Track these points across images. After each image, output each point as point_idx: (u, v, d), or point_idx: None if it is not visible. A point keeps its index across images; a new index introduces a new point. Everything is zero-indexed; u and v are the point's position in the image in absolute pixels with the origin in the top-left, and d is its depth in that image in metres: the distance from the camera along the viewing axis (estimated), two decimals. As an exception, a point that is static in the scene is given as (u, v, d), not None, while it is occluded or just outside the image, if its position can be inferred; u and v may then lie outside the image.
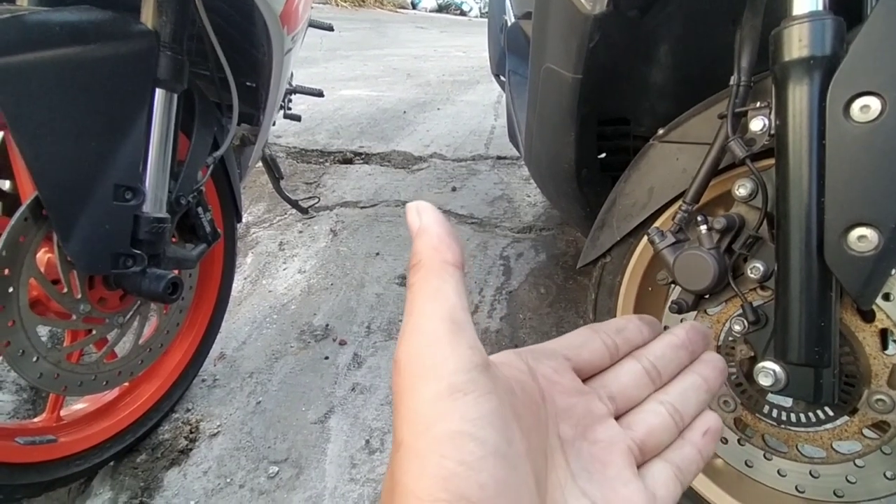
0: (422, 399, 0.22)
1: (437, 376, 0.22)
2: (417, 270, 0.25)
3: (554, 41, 0.78)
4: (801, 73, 0.55)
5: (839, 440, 0.68)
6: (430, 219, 0.25)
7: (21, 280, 0.73)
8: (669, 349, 0.33)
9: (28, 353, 0.75)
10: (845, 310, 0.64)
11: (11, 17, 0.69)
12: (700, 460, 0.31)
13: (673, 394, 0.32)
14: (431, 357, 0.22)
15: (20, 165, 0.74)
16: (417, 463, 0.21)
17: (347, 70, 4.61)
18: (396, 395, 0.23)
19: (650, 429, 0.30)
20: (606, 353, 0.32)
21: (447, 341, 0.23)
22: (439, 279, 0.24)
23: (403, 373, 0.23)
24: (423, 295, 0.24)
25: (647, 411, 0.31)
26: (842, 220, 0.54)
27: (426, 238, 0.25)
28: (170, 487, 0.96)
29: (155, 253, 0.84)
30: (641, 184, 0.80)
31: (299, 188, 2.23)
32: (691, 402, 0.32)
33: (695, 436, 0.31)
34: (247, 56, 1.09)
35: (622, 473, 0.27)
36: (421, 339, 0.23)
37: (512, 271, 1.69)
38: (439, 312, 0.23)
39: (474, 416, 0.21)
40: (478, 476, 0.20)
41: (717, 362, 0.34)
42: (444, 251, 0.25)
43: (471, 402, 0.22)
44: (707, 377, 0.33)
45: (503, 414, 0.22)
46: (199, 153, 0.94)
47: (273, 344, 1.33)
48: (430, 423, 0.21)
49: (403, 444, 0.22)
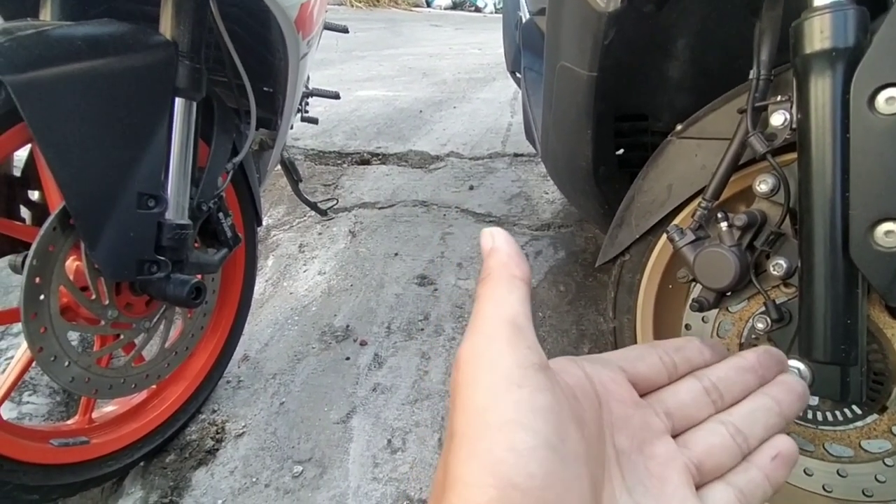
0: (478, 390, 0.22)
1: (495, 370, 0.23)
2: (486, 282, 0.26)
3: (568, 39, 0.78)
4: (824, 66, 0.53)
5: (868, 439, 0.66)
6: (501, 240, 0.27)
7: (52, 288, 0.75)
8: (734, 371, 0.31)
9: (60, 358, 0.78)
10: (872, 306, 0.62)
11: (35, 32, 0.71)
12: (768, 486, 0.28)
13: (737, 415, 0.30)
14: (490, 353, 0.23)
15: (47, 176, 0.76)
16: (467, 449, 0.21)
17: (363, 71, 4.64)
18: (454, 389, 0.23)
19: (709, 449, 0.28)
20: (664, 369, 0.31)
21: (507, 341, 0.23)
22: (506, 290, 0.25)
23: (463, 368, 0.23)
24: (489, 302, 0.25)
25: (706, 430, 0.29)
26: (868, 215, 0.53)
27: (497, 255, 0.26)
28: (198, 487, 0.99)
29: (178, 259, 0.86)
30: (660, 181, 0.80)
31: (318, 190, 2.25)
32: (758, 424, 0.30)
33: (762, 459, 0.29)
34: (263, 62, 1.11)
35: (680, 492, 0.26)
36: (482, 339, 0.24)
37: (531, 269, 1.68)
38: (502, 316, 0.24)
39: (527, 408, 0.22)
40: (526, 464, 0.20)
41: (795, 385, 0.32)
42: (513, 267, 0.26)
43: (525, 395, 0.22)
44: (780, 400, 0.31)
45: (559, 412, 0.23)
46: (218, 159, 0.96)
47: (295, 345, 1.35)
48: (484, 413, 0.22)
49: (457, 434, 0.22)
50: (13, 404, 1.09)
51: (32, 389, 1.14)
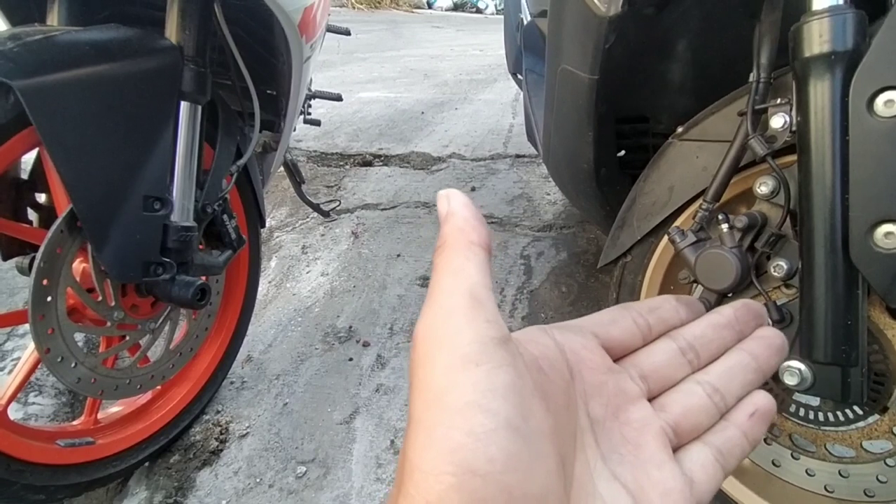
0: (434, 371, 0.21)
1: (451, 348, 0.21)
2: (442, 250, 0.24)
3: (569, 43, 0.78)
4: (823, 69, 0.54)
5: (869, 439, 0.66)
6: (458, 203, 0.25)
7: (59, 289, 0.76)
8: (711, 329, 0.30)
9: (67, 359, 0.79)
10: (873, 307, 0.63)
11: (43, 37, 0.72)
12: (745, 443, 0.28)
13: (713, 374, 0.29)
14: (447, 329, 0.22)
15: (55, 179, 0.77)
16: (424, 435, 0.20)
17: (365, 72, 4.65)
18: (412, 370, 0.22)
19: (685, 410, 0.28)
20: (638, 331, 0.30)
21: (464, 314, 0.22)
22: (463, 258, 0.23)
23: (419, 347, 0.22)
24: (445, 272, 0.23)
25: (681, 392, 0.28)
26: (868, 217, 0.53)
27: (452, 220, 0.24)
28: (202, 487, 0.99)
29: (183, 260, 0.87)
30: (661, 182, 0.80)
31: (320, 191, 2.26)
32: (736, 382, 0.29)
33: (739, 417, 0.28)
34: (267, 65, 1.12)
35: (656, 456, 0.26)
36: (438, 314, 0.22)
37: (533, 270, 1.69)
38: (459, 288, 0.22)
39: (486, 388, 0.20)
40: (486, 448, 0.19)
41: (773, 338, 0.31)
42: (470, 232, 0.24)
43: (483, 374, 0.20)
44: (757, 355, 0.30)
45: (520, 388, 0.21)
46: (223, 162, 0.96)
47: (298, 346, 1.35)
48: (440, 395, 0.20)
49: (414, 418, 0.21)
50: (19, 405, 1.10)
51: (38, 390, 1.15)
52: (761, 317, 0.32)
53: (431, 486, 0.19)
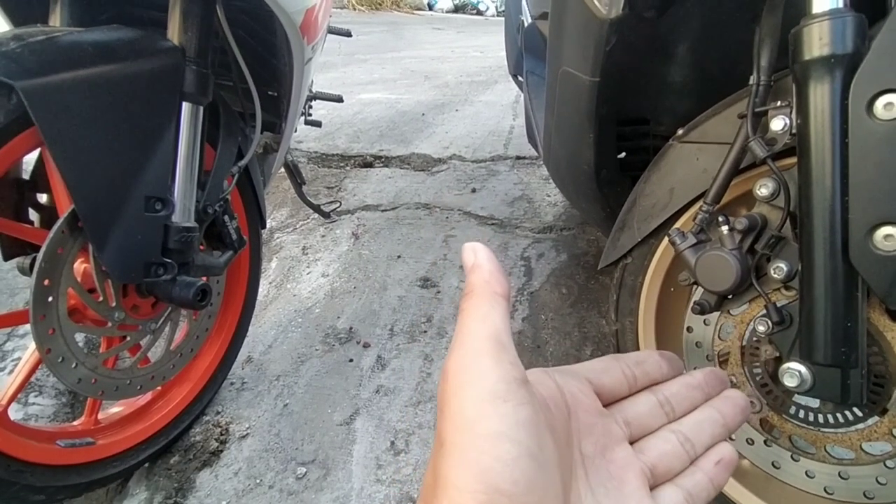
0: (466, 402, 0.24)
1: (481, 383, 0.25)
2: (470, 298, 0.27)
3: (570, 45, 0.78)
4: (823, 72, 0.54)
5: (869, 441, 0.67)
6: (483, 257, 0.28)
7: (60, 290, 0.76)
8: (684, 388, 0.35)
9: (67, 360, 0.79)
10: (872, 309, 0.63)
11: (45, 38, 0.72)
12: (711, 488, 0.32)
13: (686, 425, 0.33)
14: (476, 367, 0.25)
15: (57, 180, 0.77)
16: (458, 457, 0.23)
17: (366, 74, 4.65)
18: (442, 399, 0.25)
19: (661, 454, 0.32)
20: (625, 382, 0.34)
21: (491, 356, 0.25)
22: (488, 306, 0.27)
23: (451, 381, 0.25)
24: (473, 317, 0.27)
25: (658, 438, 0.33)
26: (867, 219, 0.54)
27: (479, 272, 0.28)
28: (202, 488, 0.99)
29: (184, 261, 0.87)
30: (662, 184, 0.80)
31: (321, 193, 2.26)
32: (705, 433, 0.33)
33: (707, 464, 0.32)
34: (268, 66, 1.12)
35: (636, 492, 0.29)
36: (468, 353, 0.26)
37: (533, 272, 1.69)
38: (486, 332, 0.26)
39: (512, 421, 0.24)
40: (511, 473, 0.22)
41: (738, 400, 0.36)
42: (495, 284, 0.28)
43: (510, 408, 0.24)
44: (725, 413, 0.34)
45: (537, 423, 0.25)
46: (224, 163, 0.96)
47: (298, 347, 1.35)
48: (472, 423, 0.24)
49: (447, 442, 0.24)
50: (19, 405, 1.10)
51: (38, 391, 1.15)
52: (725, 382, 0.37)
53: (465, 500, 0.22)
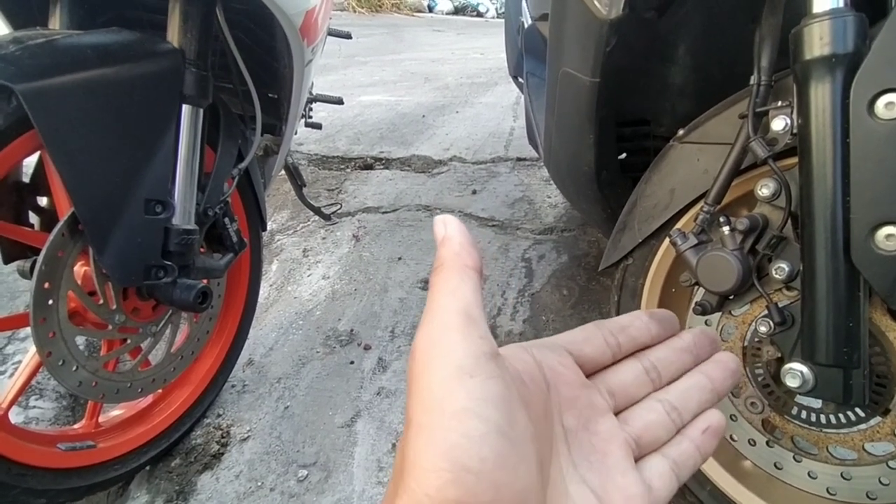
0: (433, 380, 0.24)
1: (448, 360, 0.24)
2: (439, 271, 0.27)
3: (570, 46, 0.78)
4: (823, 72, 0.54)
5: (871, 442, 0.66)
6: (454, 229, 0.27)
7: (60, 293, 0.76)
8: (672, 352, 0.34)
9: (68, 363, 0.79)
10: (874, 309, 0.63)
11: (45, 41, 0.72)
12: (698, 456, 0.31)
13: (673, 393, 0.33)
14: (444, 343, 0.24)
15: (56, 183, 0.77)
16: (424, 437, 0.23)
17: (366, 76, 4.66)
18: (410, 378, 0.25)
19: (646, 424, 0.31)
20: (608, 350, 0.33)
21: (460, 330, 0.24)
22: (458, 279, 0.26)
23: (418, 357, 0.25)
24: (443, 291, 0.26)
25: (643, 408, 0.32)
26: (869, 219, 0.53)
27: (449, 244, 0.27)
28: (203, 491, 0.99)
29: (185, 264, 0.87)
30: (662, 185, 0.80)
31: (321, 195, 2.26)
32: (692, 400, 0.32)
33: (694, 432, 0.32)
34: (268, 68, 1.12)
35: (620, 464, 0.29)
36: (436, 328, 0.25)
37: (534, 273, 1.69)
38: (455, 306, 0.25)
39: (479, 397, 0.23)
40: (479, 449, 0.22)
41: (729, 362, 0.34)
42: (465, 256, 0.27)
43: (477, 384, 0.23)
44: (713, 377, 0.34)
45: (508, 398, 0.24)
46: (224, 165, 0.96)
47: (299, 349, 1.35)
48: (439, 401, 0.23)
49: (414, 422, 0.23)
50: (20, 409, 1.10)
51: (39, 394, 1.15)
52: (716, 343, 0.36)
53: (431, 480, 0.21)
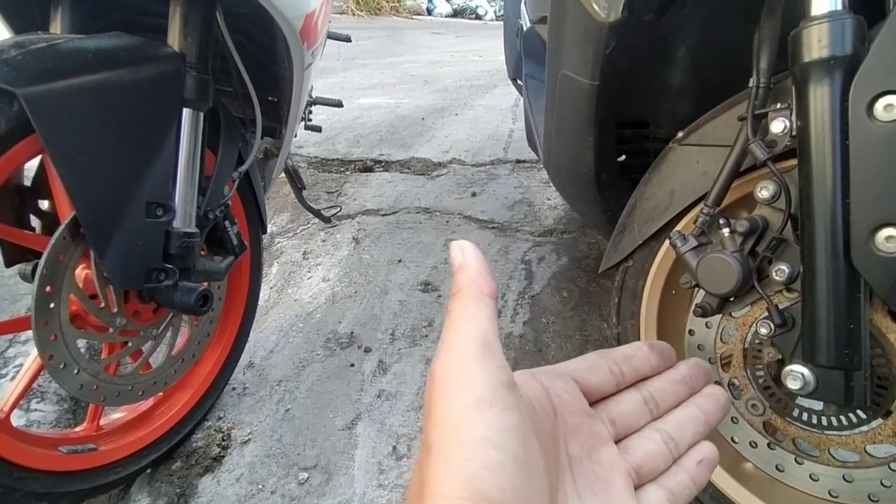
0: (452, 408, 0.24)
1: (468, 389, 0.24)
2: (457, 298, 0.27)
3: (569, 49, 0.79)
4: (822, 74, 0.54)
5: (873, 444, 0.66)
6: (471, 255, 0.28)
7: (62, 296, 0.76)
8: (669, 384, 0.36)
9: (69, 366, 0.79)
10: (875, 311, 0.63)
11: (47, 45, 0.73)
12: (693, 487, 0.32)
13: (670, 423, 0.34)
14: (463, 372, 0.25)
15: (58, 186, 0.77)
16: (444, 465, 0.23)
17: (365, 79, 4.66)
18: (429, 403, 0.25)
19: (645, 454, 0.32)
20: (612, 380, 0.34)
21: (478, 359, 0.25)
22: (475, 307, 0.27)
23: (437, 385, 0.25)
24: (461, 318, 0.26)
25: (643, 437, 0.33)
26: (868, 221, 0.53)
27: (466, 271, 0.28)
28: (204, 494, 0.99)
29: (185, 267, 0.87)
30: (662, 187, 0.80)
31: (321, 197, 2.26)
32: (688, 432, 0.34)
33: (689, 463, 0.33)
34: (268, 72, 1.12)
35: (622, 494, 0.30)
36: (455, 356, 0.25)
37: (534, 275, 1.69)
38: (473, 334, 0.26)
39: (498, 427, 0.23)
40: (498, 480, 0.22)
41: (719, 396, 0.36)
42: (482, 283, 0.27)
43: (496, 414, 0.24)
44: (706, 410, 0.35)
45: (524, 428, 0.25)
46: (225, 168, 0.97)
47: (300, 352, 1.35)
48: (459, 430, 0.23)
49: (433, 449, 0.24)
50: (21, 412, 1.10)
51: (40, 397, 1.15)
52: (709, 375, 0.38)
53: None
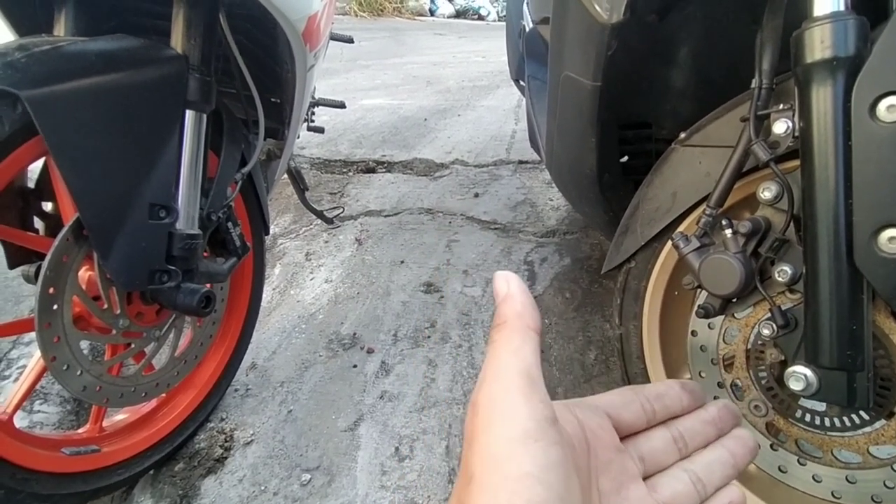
0: (496, 439, 0.24)
1: (512, 421, 0.24)
2: (502, 330, 0.27)
3: (572, 50, 0.79)
4: (825, 75, 0.54)
5: (876, 445, 0.66)
6: (516, 288, 0.28)
7: (65, 298, 0.77)
8: (699, 423, 0.36)
9: (72, 367, 0.79)
10: (878, 312, 0.63)
11: (50, 47, 0.73)
12: None
13: (699, 464, 0.34)
14: (508, 404, 0.25)
15: (61, 188, 0.77)
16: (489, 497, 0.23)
17: (368, 80, 4.67)
18: (471, 433, 0.25)
19: (674, 494, 0.32)
20: (644, 416, 0.35)
21: (523, 392, 0.25)
22: (520, 339, 0.27)
23: (481, 414, 0.25)
24: (505, 350, 0.26)
25: (671, 476, 0.33)
26: (871, 222, 0.53)
27: (511, 303, 0.28)
28: (207, 495, 0.99)
29: (188, 268, 0.87)
30: (664, 188, 0.80)
31: (324, 198, 2.27)
32: (716, 474, 0.34)
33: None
34: (271, 73, 1.12)
35: None
36: (499, 387, 0.25)
37: (536, 276, 1.69)
38: (517, 367, 0.26)
39: (543, 462, 0.24)
40: None
41: (748, 440, 0.36)
42: (527, 317, 0.27)
43: (541, 449, 0.24)
44: (735, 453, 0.35)
45: (566, 464, 0.25)
46: (228, 170, 0.97)
47: (302, 353, 1.36)
48: (503, 462, 0.23)
49: (475, 478, 0.24)
50: (24, 413, 1.10)
51: (43, 398, 1.15)
52: (738, 417, 0.38)
53: None
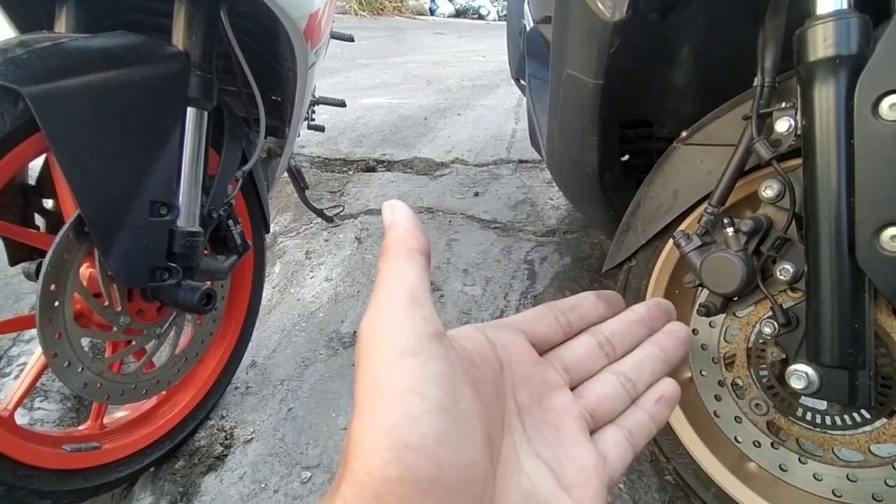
0: (376, 363, 0.24)
1: (391, 342, 0.24)
2: (385, 257, 0.27)
3: (574, 48, 0.79)
4: (827, 73, 0.54)
5: (877, 443, 0.66)
6: (401, 214, 0.28)
7: (66, 294, 0.77)
8: (625, 325, 0.35)
9: (73, 364, 0.79)
10: (880, 310, 0.63)
11: (52, 44, 0.73)
12: (652, 425, 0.32)
13: (627, 364, 0.33)
14: (388, 327, 0.24)
15: (62, 185, 0.77)
16: (367, 418, 0.23)
17: (368, 78, 4.67)
18: (357, 363, 0.25)
19: (601, 397, 0.32)
20: (559, 328, 0.34)
21: (404, 313, 0.25)
22: (403, 263, 0.26)
23: (363, 342, 0.25)
24: (388, 275, 0.26)
25: (598, 381, 0.33)
26: (873, 220, 0.53)
27: (395, 230, 0.27)
28: (207, 493, 0.99)
29: (189, 266, 0.87)
30: (666, 187, 0.80)
31: (324, 197, 2.27)
32: (646, 371, 0.33)
33: (648, 402, 0.33)
34: (272, 71, 1.12)
35: (574, 437, 0.29)
36: (381, 313, 0.25)
37: (536, 275, 1.69)
38: (400, 290, 0.25)
39: (420, 376, 0.23)
40: (419, 427, 0.22)
41: (680, 332, 0.35)
42: (411, 240, 0.27)
43: (418, 364, 0.23)
44: (665, 347, 0.34)
45: (451, 376, 0.24)
46: (228, 167, 0.97)
47: (302, 351, 1.35)
48: (381, 383, 0.23)
49: (358, 404, 0.24)
50: (25, 410, 1.10)
51: (44, 395, 1.15)
52: (670, 313, 0.36)
53: (372, 460, 0.22)
